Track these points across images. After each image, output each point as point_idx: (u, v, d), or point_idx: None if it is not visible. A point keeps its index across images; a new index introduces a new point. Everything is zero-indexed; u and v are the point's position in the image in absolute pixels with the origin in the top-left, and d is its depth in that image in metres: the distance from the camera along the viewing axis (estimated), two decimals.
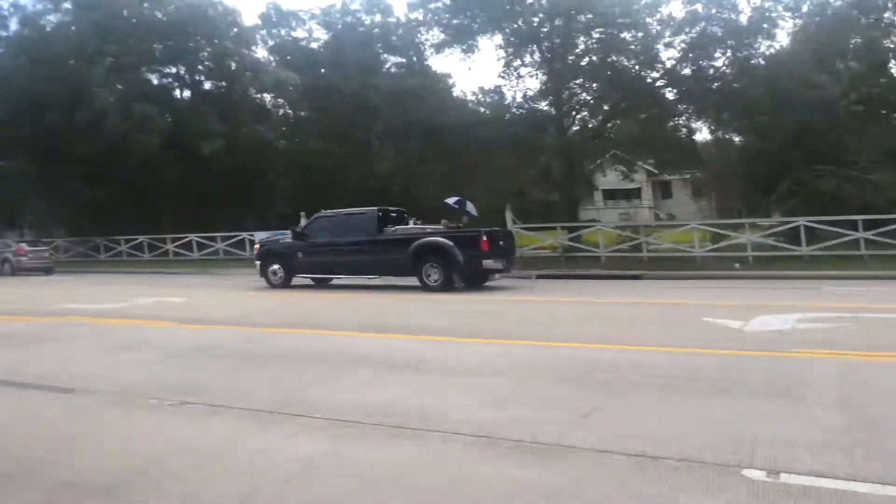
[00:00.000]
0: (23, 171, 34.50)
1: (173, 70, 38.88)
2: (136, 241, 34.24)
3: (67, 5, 35.52)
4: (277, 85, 38.02)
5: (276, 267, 18.60)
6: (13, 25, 36.27)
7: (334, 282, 19.07)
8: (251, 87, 38.84)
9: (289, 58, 41.37)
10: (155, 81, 38.61)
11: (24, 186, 33.43)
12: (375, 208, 18.35)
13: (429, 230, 17.43)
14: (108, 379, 7.32)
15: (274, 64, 40.29)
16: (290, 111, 43.80)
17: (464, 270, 16.22)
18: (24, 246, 30.08)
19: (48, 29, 34.48)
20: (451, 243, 16.30)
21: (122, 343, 9.69)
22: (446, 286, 16.11)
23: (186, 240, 32.84)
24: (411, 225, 18.40)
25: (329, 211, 19.41)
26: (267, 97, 41.32)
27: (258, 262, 19.20)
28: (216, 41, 36.81)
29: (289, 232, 19.40)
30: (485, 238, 16.20)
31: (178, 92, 39.69)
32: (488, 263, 16.37)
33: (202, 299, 16.03)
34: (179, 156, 33.33)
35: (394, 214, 18.67)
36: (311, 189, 37.66)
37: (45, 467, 4.70)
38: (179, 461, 4.72)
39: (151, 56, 36.71)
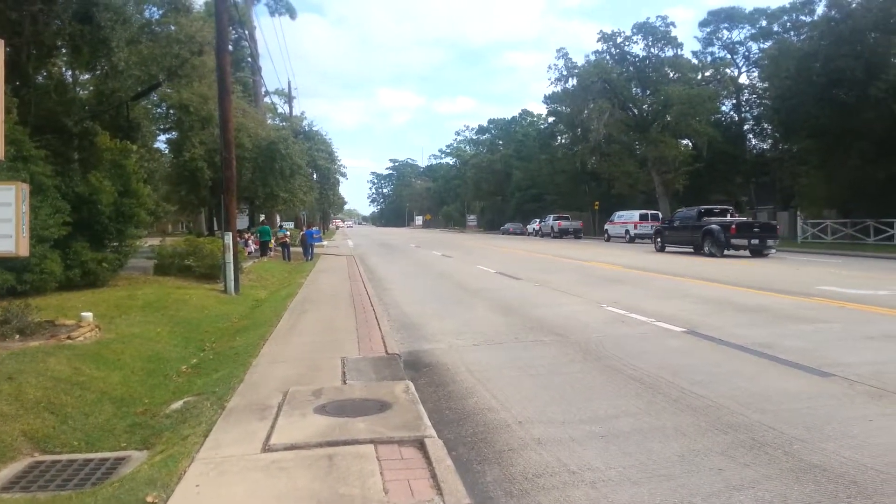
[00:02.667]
0: (803, 151, 35.96)
1: None
2: None
3: None
4: None
5: None
6: (820, 9, 37.84)
7: None
8: None
9: None
10: None
11: (800, 168, 34.80)
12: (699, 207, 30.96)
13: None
14: (864, 370, 7.15)
15: None
16: None
17: (720, 245, 26.64)
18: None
19: (853, 6, 34.51)
20: (718, 228, 26.92)
21: (882, 334, 9.24)
22: (712, 254, 26.83)
23: None
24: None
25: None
26: None
27: None
28: None
29: None
30: (734, 227, 26.57)
31: None
32: (735, 241, 26.30)
33: None
34: None
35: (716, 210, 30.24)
36: None
37: (797, 445, 4.99)
38: None
39: None
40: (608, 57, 59.12)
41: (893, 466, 4.53)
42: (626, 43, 59.02)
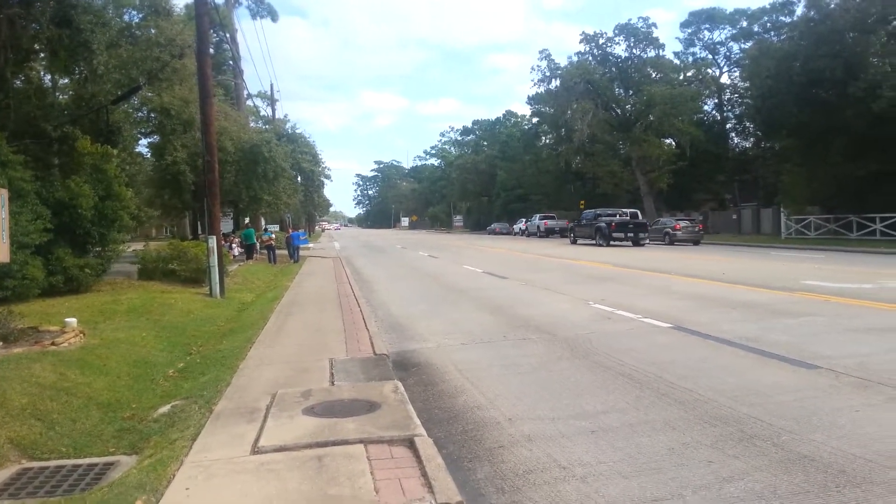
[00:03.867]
0: (785, 149, 36.32)
1: None
2: (893, 220, 31.97)
3: None
4: None
5: None
6: (799, 10, 38.30)
7: None
8: None
9: None
10: None
11: (782, 165, 35.14)
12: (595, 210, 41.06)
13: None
14: (848, 361, 7.24)
15: None
16: None
17: (605, 237, 36.02)
18: (681, 223, 38.76)
19: (831, 6, 34.89)
20: (604, 225, 36.41)
21: (866, 326, 9.36)
22: (599, 244, 36.33)
23: None
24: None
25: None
26: None
27: None
28: None
29: None
30: (613, 224, 36.10)
31: None
32: (615, 235, 35.77)
33: None
34: None
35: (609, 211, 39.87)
36: None
37: (785, 436, 5.04)
38: None
39: None
40: (591, 58, 59.38)
41: (881, 455, 4.59)
42: (609, 44, 59.33)
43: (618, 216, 38.10)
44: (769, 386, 6.46)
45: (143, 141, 32.74)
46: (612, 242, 35.92)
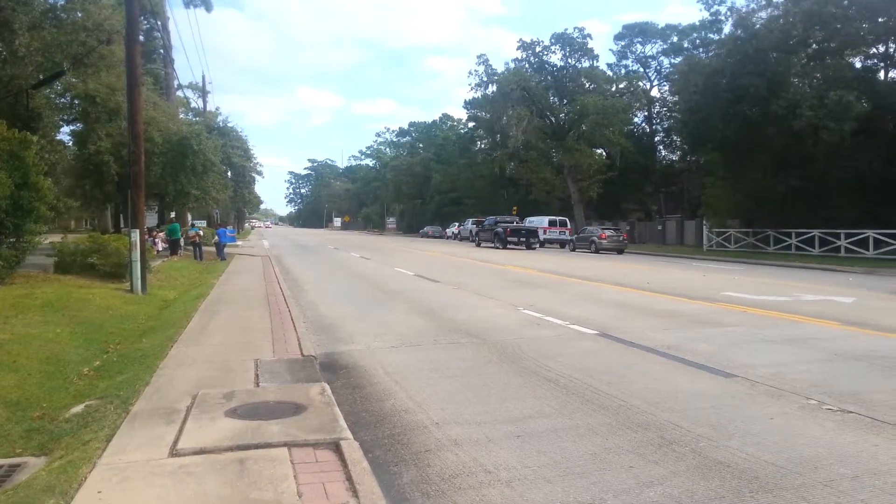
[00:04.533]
0: (709, 162, 37.67)
1: (880, 49, 36.07)
2: (808, 235, 33.63)
3: None
4: None
5: None
6: (727, 28, 39.86)
7: None
8: None
9: None
10: (857, 65, 36.66)
11: (707, 179, 36.37)
12: (495, 217, 48.36)
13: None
14: (764, 371, 7.54)
15: None
16: None
17: (502, 241, 42.13)
18: (606, 232, 40.02)
19: (757, 27, 36.41)
20: (501, 231, 42.71)
21: (782, 337, 9.78)
22: (496, 246, 42.41)
23: (862, 236, 30.59)
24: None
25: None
26: None
27: None
28: None
29: None
30: (508, 230, 42.46)
31: (881, 74, 36.75)
32: (510, 240, 41.94)
33: (871, 303, 14.70)
34: (872, 145, 30.93)
35: (507, 219, 48.08)
36: None
37: (703, 443, 5.21)
38: (834, 470, 4.64)
39: (857, 38, 34.81)
40: (527, 65, 60.22)
41: (791, 462, 4.79)
42: (545, 52, 60.31)
43: (514, 223, 45.73)
44: (689, 393, 6.66)
45: (66, 128, 31.41)
46: (508, 246, 42.07)
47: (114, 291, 14.87)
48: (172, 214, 37.26)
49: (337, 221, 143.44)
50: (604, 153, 56.25)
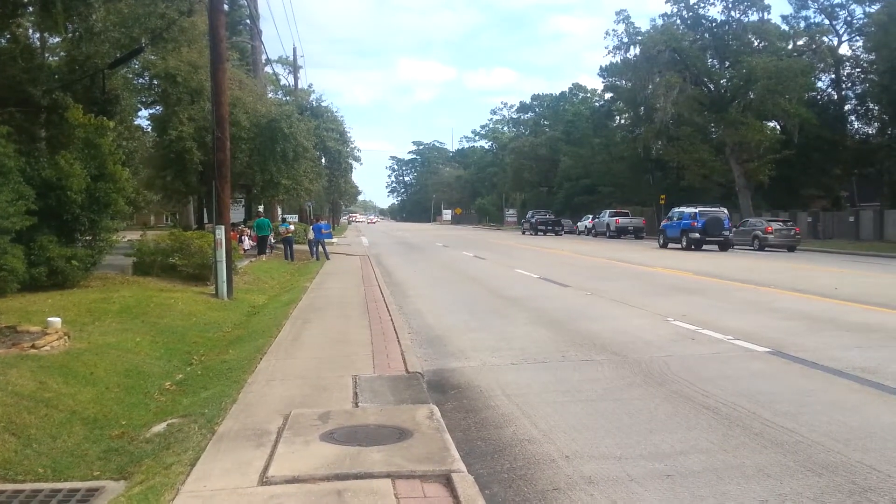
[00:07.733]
0: None
1: None
2: None
3: None
4: None
5: None
6: None
7: None
8: None
9: None
10: None
11: None
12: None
13: None
14: None
15: None
16: None
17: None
18: (773, 224, 38.74)
19: None
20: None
21: None
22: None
23: None
24: None
25: None
26: None
27: None
28: None
29: None
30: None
31: None
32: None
33: None
34: None
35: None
36: None
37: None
38: None
39: None
40: (679, 21, 58.75)
41: None
42: (701, 4, 58.55)
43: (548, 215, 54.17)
44: (889, 429, 6.31)
45: (144, 112, 33.34)
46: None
47: (197, 296, 15.73)
48: (261, 208, 38.91)
49: (447, 214, 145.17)
50: (777, 127, 53.98)
